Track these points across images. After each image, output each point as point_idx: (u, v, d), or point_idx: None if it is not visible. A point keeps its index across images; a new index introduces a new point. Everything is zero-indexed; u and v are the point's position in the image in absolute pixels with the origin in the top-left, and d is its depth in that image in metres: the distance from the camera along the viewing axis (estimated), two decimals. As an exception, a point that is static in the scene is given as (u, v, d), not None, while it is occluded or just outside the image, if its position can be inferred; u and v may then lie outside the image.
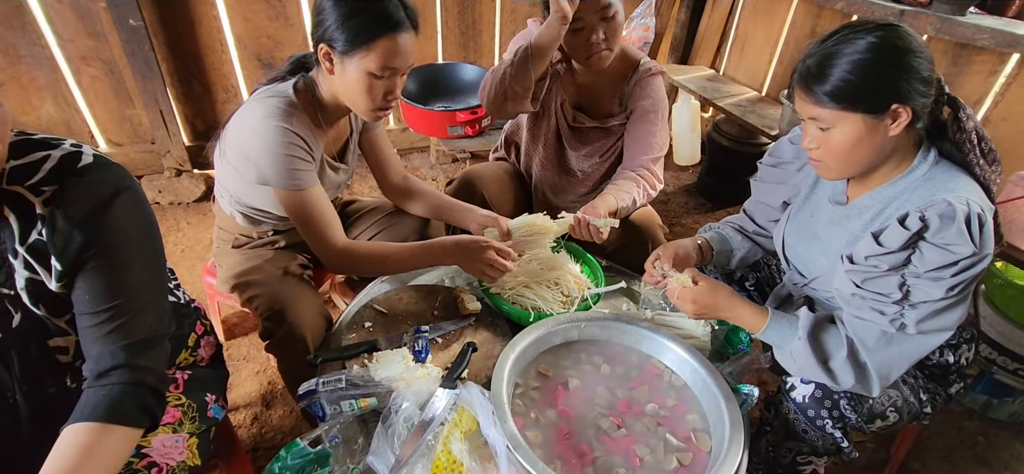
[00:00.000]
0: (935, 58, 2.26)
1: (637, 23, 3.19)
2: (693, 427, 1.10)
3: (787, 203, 1.35)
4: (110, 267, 0.84)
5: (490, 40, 3.19)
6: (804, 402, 1.14)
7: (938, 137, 1.05)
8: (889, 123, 0.98)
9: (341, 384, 1.07)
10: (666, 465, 1.02)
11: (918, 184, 1.04)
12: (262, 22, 2.64)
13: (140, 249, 0.87)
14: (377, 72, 1.20)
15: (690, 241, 1.42)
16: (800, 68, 1.02)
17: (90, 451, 0.77)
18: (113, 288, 0.84)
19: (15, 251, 0.82)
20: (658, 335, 1.24)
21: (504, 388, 1.07)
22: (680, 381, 1.20)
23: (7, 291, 0.83)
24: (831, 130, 1.01)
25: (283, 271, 1.42)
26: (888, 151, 1.03)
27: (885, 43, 0.95)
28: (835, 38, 0.99)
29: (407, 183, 1.66)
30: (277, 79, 1.34)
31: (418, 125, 2.80)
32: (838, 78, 0.96)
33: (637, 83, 1.67)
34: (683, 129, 3.37)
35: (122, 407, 0.81)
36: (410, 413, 1.02)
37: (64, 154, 0.82)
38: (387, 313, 1.34)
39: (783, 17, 2.95)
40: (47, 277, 0.84)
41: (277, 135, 1.22)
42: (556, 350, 1.25)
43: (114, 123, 2.62)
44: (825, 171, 1.09)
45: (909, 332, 1.00)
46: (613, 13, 1.49)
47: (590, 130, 1.75)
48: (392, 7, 1.18)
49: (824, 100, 0.98)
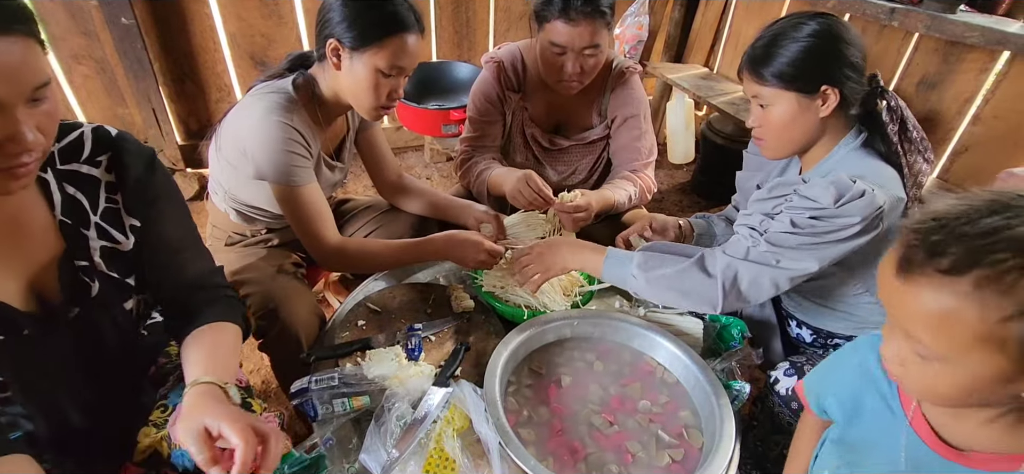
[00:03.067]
0: (925, 56, 2.29)
1: (631, 21, 3.20)
2: (685, 423, 1.11)
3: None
4: (178, 207, 0.98)
5: (484, 38, 3.20)
6: (788, 395, 1.15)
7: (872, 127, 1.14)
8: (819, 104, 1.08)
9: (334, 382, 1.08)
10: (658, 462, 1.03)
11: (837, 163, 1.13)
12: (256, 21, 2.64)
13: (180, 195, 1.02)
14: (386, 70, 1.22)
15: (673, 219, 1.50)
16: (749, 51, 1.12)
17: (223, 340, 0.96)
18: (186, 223, 1.00)
19: (87, 222, 0.88)
20: (650, 332, 1.24)
21: (497, 385, 1.07)
22: (672, 378, 1.20)
23: (84, 263, 0.88)
24: (770, 108, 1.12)
25: (276, 269, 1.42)
26: (820, 131, 1.13)
27: (821, 29, 1.05)
28: (778, 24, 1.10)
29: (403, 181, 1.67)
30: (275, 76, 1.34)
31: (412, 123, 2.79)
32: (773, 58, 1.07)
33: (614, 90, 1.65)
34: (677, 127, 3.38)
35: (235, 312, 1.02)
36: (403, 411, 1.03)
37: (92, 128, 0.89)
38: (380, 311, 1.35)
39: (776, 15, 2.94)
40: (124, 237, 0.92)
41: (276, 130, 1.22)
42: (549, 348, 1.25)
43: (106, 122, 2.52)
44: (766, 150, 1.20)
45: (760, 247, 1.09)
46: (597, 52, 1.46)
47: (569, 149, 1.73)
48: (403, 9, 1.22)
49: (765, 78, 1.08)
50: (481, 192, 1.67)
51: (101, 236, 0.90)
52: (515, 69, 1.67)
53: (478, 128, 1.71)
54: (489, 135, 1.71)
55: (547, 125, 1.72)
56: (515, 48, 1.69)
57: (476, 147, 1.72)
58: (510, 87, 1.67)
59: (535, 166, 1.76)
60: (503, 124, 1.72)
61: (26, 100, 0.70)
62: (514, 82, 1.67)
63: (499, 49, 1.70)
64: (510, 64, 1.66)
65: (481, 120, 1.71)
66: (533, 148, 1.73)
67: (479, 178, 1.63)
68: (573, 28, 1.39)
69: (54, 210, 0.86)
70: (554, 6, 1.39)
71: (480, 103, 1.70)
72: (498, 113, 1.70)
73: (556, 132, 1.73)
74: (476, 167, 1.67)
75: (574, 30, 1.39)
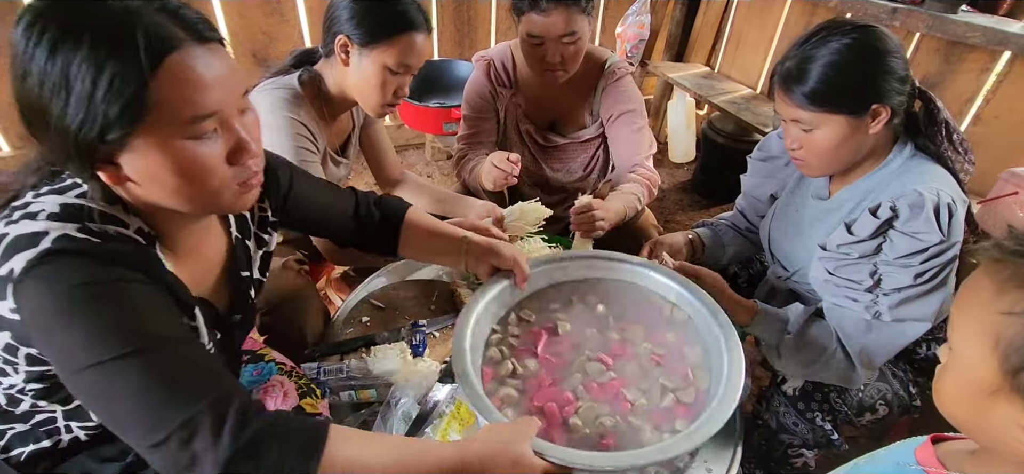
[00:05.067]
0: (927, 56, 2.30)
1: (632, 21, 3.20)
2: (692, 364, 1.00)
3: (775, 197, 1.37)
4: (302, 173, 1.06)
5: (486, 36, 3.20)
6: (794, 395, 1.15)
7: (912, 131, 1.08)
8: (870, 122, 1.00)
9: (341, 374, 1.09)
10: (661, 405, 0.93)
11: (893, 176, 1.06)
12: (257, 18, 2.64)
13: None
14: (394, 67, 1.24)
15: (682, 236, 1.44)
16: (780, 71, 1.04)
17: (428, 217, 1.20)
18: (314, 179, 1.08)
19: (250, 234, 0.94)
20: (649, 269, 1.14)
21: (468, 335, 0.97)
22: (682, 315, 1.09)
23: (246, 273, 0.93)
24: (814, 131, 1.03)
25: (280, 266, 1.42)
26: (869, 148, 1.06)
27: (863, 44, 0.97)
28: (813, 41, 1.00)
29: (404, 177, 1.68)
30: (280, 73, 1.34)
31: (413, 121, 2.80)
32: (818, 81, 0.98)
33: (605, 91, 1.65)
34: (678, 126, 3.38)
35: (399, 203, 1.18)
36: (408, 407, 1.03)
37: None
38: (384, 308, 1.35)
39: (777, 15, 2.96)
40: (273, 236, 0.98)
41: (285, 125, 1.23)
42: (541, 293, 1.15)
43: None
44: (808, 169, 1.12)
45: (885, 319, 1.02)
46: (575, 40, 1.45)
47: (564, 147, 1.74)
48: (413, 8, 1.24)
49: (805, 103, 1.00)
50: (476, 188, 1.68)
51: (259, 244, 0.96)
52: (505, 66, 1.68)
53: (472, 126, 1.73)
54: (483, 132, 1.73)
55: (542, 122, 1.73)
56: (506, 46, 1.71)
57: (471, 144, 1.74)
58: (501, 84, 1.69)
59: (532, 162, 1.77)
60: (497, 121, 1.73)
61: (239, 109, 0.70)
62: (505, 78, 1.69)
63: (491, 48, 1.72)
64: (500, 61, 1.68)
65: (475, 117, 1.72)
66: (529, 145, 1.74)
67: (472, 174, 1.65)
68: (546, 18, 1.39)
69: (230, 227, 0.90)
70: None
71: (473, 100, 1.72)
72: (491, 110, 1.72)
73: (551, 129, 1.74)
74: (469, 164, 1.69)
75: (548, 19, 1.39)
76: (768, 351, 1.17)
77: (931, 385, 1.17)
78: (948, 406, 0.63)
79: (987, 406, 0.58)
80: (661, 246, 1.35)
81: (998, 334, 0.55)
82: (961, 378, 0.60)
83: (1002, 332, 0.55)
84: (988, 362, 0.56)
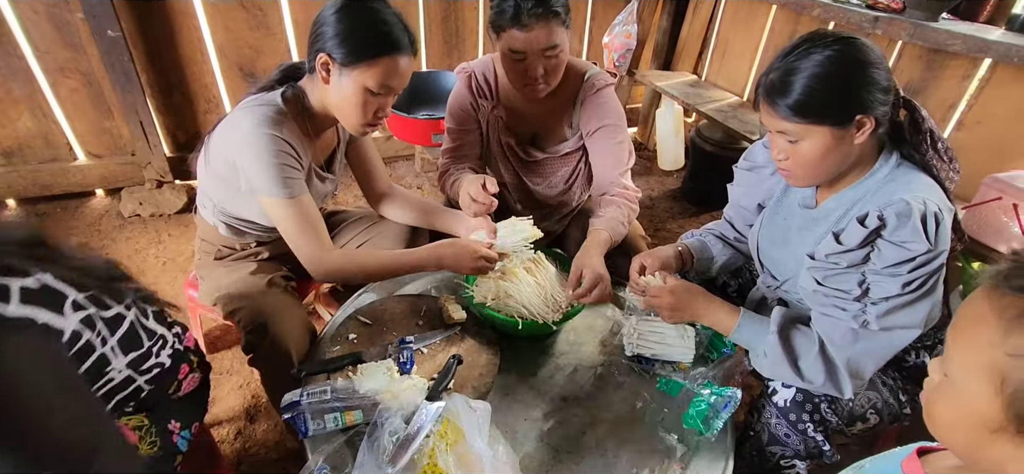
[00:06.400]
0: (909, 63, 2.32)
1: (619, 30, 3.22)
2: None
3: (762, 206, 1.37)
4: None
5: (473, 47, 3.20)
6: (786, 406, 1.15)
7: (898, 140, 1.09)
8: (855, 133, 1.01)
9: (326, 396, 1.07)
10: None
11: (880, 185, 1.07)
12: (243, 32, 2.63)
13: None
14: (374, 88, 1.22)
15: (671, 248, 1.44)
16: (764, 83, 1.05)
17: None
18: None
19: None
20: None
21: None
22: None
23: None
24: (799, 142, 1.04)
25: (266, 283, 1.40)
26: (854, 158, 1.06)
27: (845, 56, 0.98)
28: (796, 53, 1.01)
29: (393, 191, 1.66)
30: (265, 88, 1.33)
31: (402, 133, 2.79)
32: (801, 93, 0.99)
33: (584, 103, 1.64)
34: (667, 134, 3.40)
35: None
36: (396, 427, 1.02)
37: None
38: (371, 324, 1.34)
39: (762, 24, 3.00)
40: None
41: (267, 143, 1.21)
42: None
43: (93, 135, 2.58)
44: (795, 180, 1.13)
45: (873, 328, 1.03)
46: (557, 53, 1.44)
47: (545, 161, 1.74)
48: (397, 29, 1.22)
49: (789, 115, 1.01)
50: (457, 202, 1.67)
51: None
52: (487, 78, 1.67)
53: (455, 138, 1.73)
54: (466, 145, 1.72)
55: (523, 135, 1.73)
56: (489, 58, 1.70)
57: (455, 158, 1.73)
58: (483, 96, 1.68)
59: (515, 177, 1.77)
60: (480, 133, 1.73)
61: None
62: (486, 91, 1.68)
63: (474, 60, 1.72)
64: (481, 74, 1.68)
65: (458, 130, 1.72)
66: (511, 159, 1.74)
67: (453, 189, 1.64)
68: (528, 33, 1.39)
69: None
70: (506, 15, 1.39)
71: (456, 113, 1.71)
72: (473, 123, 1.71)
73: (532, 143, 1.73)
74: (450, 178, 1.68)
75: (529, 35, 1.39)
76: (753, 356, 1.17)
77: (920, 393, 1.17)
78: (943, 432, 0.63)
79: (987, 441, 0.57)
80: (653, 261, 1.36)
81: (1005, 376, 0.54)
82: (961, 409, 0.59)
83: (1009, 374, 0.53)
84: (992, 402, 0.55)
